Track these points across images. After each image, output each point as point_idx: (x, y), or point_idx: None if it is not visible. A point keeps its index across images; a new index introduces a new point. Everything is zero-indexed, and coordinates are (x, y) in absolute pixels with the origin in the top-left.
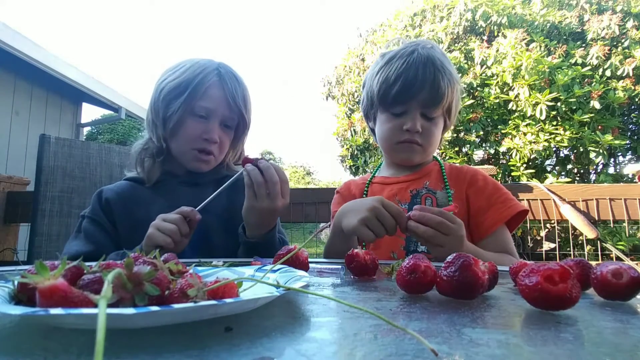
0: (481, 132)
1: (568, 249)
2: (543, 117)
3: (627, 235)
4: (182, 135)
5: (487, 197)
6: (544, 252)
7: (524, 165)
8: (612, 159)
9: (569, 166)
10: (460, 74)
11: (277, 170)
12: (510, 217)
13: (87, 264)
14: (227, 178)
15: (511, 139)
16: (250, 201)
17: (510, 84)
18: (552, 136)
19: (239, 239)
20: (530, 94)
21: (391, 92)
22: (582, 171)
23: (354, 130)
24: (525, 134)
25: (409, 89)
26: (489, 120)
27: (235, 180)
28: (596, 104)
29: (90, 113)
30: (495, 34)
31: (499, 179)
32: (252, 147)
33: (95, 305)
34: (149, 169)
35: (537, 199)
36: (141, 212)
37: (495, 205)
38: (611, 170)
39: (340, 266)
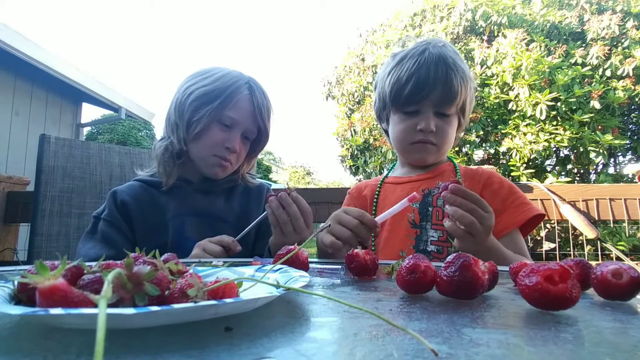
0: (481, 132)
1: (568, 249)
2: (543, 117)
3: (627, 235)
4: (205, 140)
5: (501, 200)
6: (544, 252)
7: (524, 165)
8: (612, 159)
9: (569, 166)
10: None
11: (299, 204)
12: (525, 222)
13: (87, 264)
14: (240, 187)
15: (511, 139)
16: (279, 238)
17: (510, 84)
18: (552, 136)
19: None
20: (530, 94)
21: (403, 93)
22: (582, 171)
23: (354, 130)
24: (525, 134)
25: (421, 89)
26: (489, 120)
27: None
28: (596, 104)
29: (90, 113)
30: (495, 34)
31: None
32: None
33: (95, 305)
34: (169, 171)
35: (537, 199)
36: (157, 217)
37: (509, 209)
38: (611, 170)
39: (340, 266)
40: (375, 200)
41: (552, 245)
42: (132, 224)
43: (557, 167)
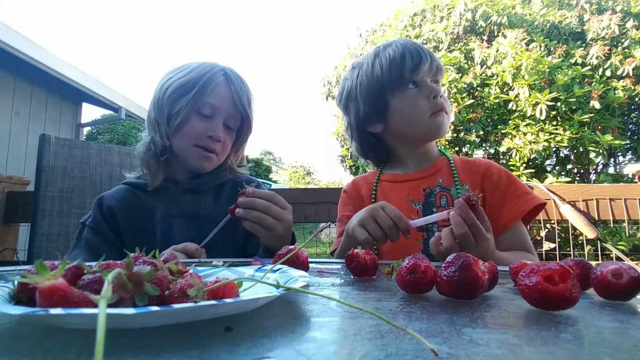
0: (481, 132)
1: (568, 249)
2: (543, 117)
3: (627, 235)
4: (186, 132)
5: (502, 193)
6: (544, 252)
7: (524, 165)
8: (612, 159)
9: (569, 166)
10: (460, 74)
11: (261, 195)
12: (527, 212)
13: (87, 264)
14: (229, 184)
15: (511, 139)
16: (268, 236)
17: (510, 84)
18: (552, 136)
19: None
20: (530, 94)
21: (405, 67)
22: (582, 171)
23: None
24: (525, 134)
25: (419, 56)
26: (489, 120)
27: (227, 221)
28: (596, 104)
29: (90, 113)
30: (495, 34)
31: None
32: (252, 146)
33: (95, 305)
34: (154, 171)
35: None
36: (145, 220)
37: (511, 200)
38: (611, 170)
39: (340, 266)
40: (373, 199)
41: (552, 245)
42: (119, 230)
43: (557, 167)
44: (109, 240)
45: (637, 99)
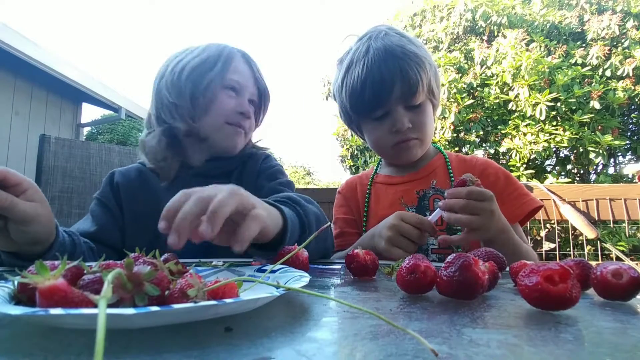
0: (481, 132)
1: (568, 249)
2: (543, 118)
3: (627, 235)
4: (217, 109)
5: (499, 193)
6: (544, 252)
7: (524, 165)
8: (612, 159)
9: (569, 166)
10: (460, 74)
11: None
12: (525, 214)
13: (87, 264)
14: (239, 168)
15: (511, 139)
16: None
17: (510, 84)
18: (552, 136)
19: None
20: (530, 94)
21: (363, 101)
22: (582, 171)
23: None
24: (525, 134)
25: (379, 92)
26: (489, 120)
27: None
28: (596, 104)
29: (90, 113)
30: (495, 34)
31: None
32: None
33: (95, 305)
34: (169, 163)
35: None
36: (148, 203)
37: (508, 202)
38: (611, 170)
39: (340, 266)
40: (366, 201)
41: (552, 245)
42: (122, 205)
43: (557, 168)
44: (113, 215)
45: (637, 99)
